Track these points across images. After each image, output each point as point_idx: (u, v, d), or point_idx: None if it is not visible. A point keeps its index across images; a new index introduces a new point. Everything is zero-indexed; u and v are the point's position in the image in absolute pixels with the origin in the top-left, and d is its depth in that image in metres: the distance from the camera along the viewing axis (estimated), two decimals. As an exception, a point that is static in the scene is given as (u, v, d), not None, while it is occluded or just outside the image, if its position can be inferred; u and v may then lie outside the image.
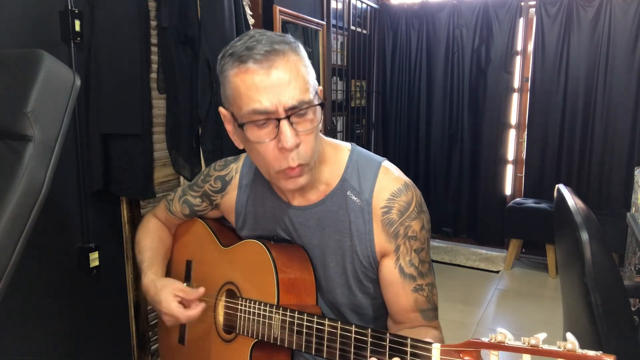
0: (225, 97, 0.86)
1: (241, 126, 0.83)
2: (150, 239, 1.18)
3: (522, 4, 3.65)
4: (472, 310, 2.94)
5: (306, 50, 0.88)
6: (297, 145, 0.83)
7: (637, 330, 1.66)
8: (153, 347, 1.85)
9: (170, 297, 1.01)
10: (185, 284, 1.16)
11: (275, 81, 0.79)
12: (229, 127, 0.91)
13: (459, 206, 4.02)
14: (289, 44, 0.83)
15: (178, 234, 1.24)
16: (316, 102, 0.84)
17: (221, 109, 0.90)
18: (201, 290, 1.01)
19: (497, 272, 3.55)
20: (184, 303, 1.01)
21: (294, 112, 0.81)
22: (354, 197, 0.94)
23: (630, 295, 1.67)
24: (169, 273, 1.22)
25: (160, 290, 1.03)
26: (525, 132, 3.76)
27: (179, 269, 1.20)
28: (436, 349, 0.69)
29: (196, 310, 1.00)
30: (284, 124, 0.81)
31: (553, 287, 3.31)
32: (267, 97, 0.79)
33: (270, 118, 0.81)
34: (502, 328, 0.63)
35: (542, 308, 2.97)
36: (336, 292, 0.99)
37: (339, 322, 0.83)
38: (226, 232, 1.15)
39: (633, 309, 2.04)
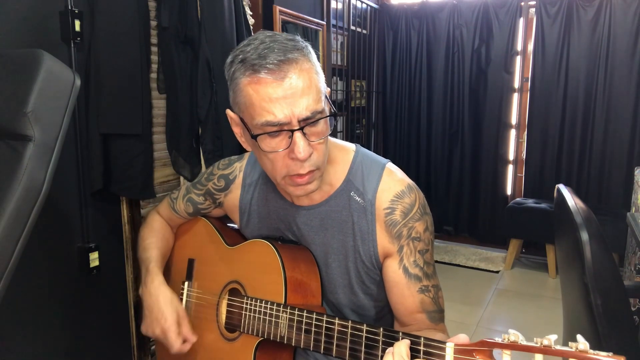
0: (236, 103, 0.85)
1: (254, 137, 0.83)
2: (156, 238, 1.18)
3: (522, 4, 3.64)
4: (472, 310, 2.94)
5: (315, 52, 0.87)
6: (310, 155, 0.83)
7: (637, 330, 1.65)
8: (153, 347, 1.85)
9: (175, 320, 1.05)
10: (186, 282, 1.17)
11: (289, 92, 0.78)
12: (237, 129, 0.90)
13: (460, 206, 4.03)
14: (300, 50, 0.81)
15: (180, 231, 1.24)
16: (328, 111, 0.84)
17: (229, 112, 0.89)
18: (194, 338, 1.06)
19: (497, 272, 3.55)
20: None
21: (307, 122, 0.81)
22: (357, 198, 0.94)
23: (630, 295, 1.67)
24: (168, 271, 1.22)
25: (168, 304, 1.06)
26: (525, 132, 3.76)
27: (180, 266, 1.20)
28: (450, 347, 0.69)
29: (186, 346, 1.05)
30: (298, 135, 0.80)
31: (553, 287, 3.31)
32: (281, 108, 0.79)
33: (283, 129, 0.81)
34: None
35: (542, 308, 2.96)
36: (338, 292, 0.99)
37: (350, 321, 0.83)
38: (230, 231, 1.16)
39: (633, 309, 2.05)
